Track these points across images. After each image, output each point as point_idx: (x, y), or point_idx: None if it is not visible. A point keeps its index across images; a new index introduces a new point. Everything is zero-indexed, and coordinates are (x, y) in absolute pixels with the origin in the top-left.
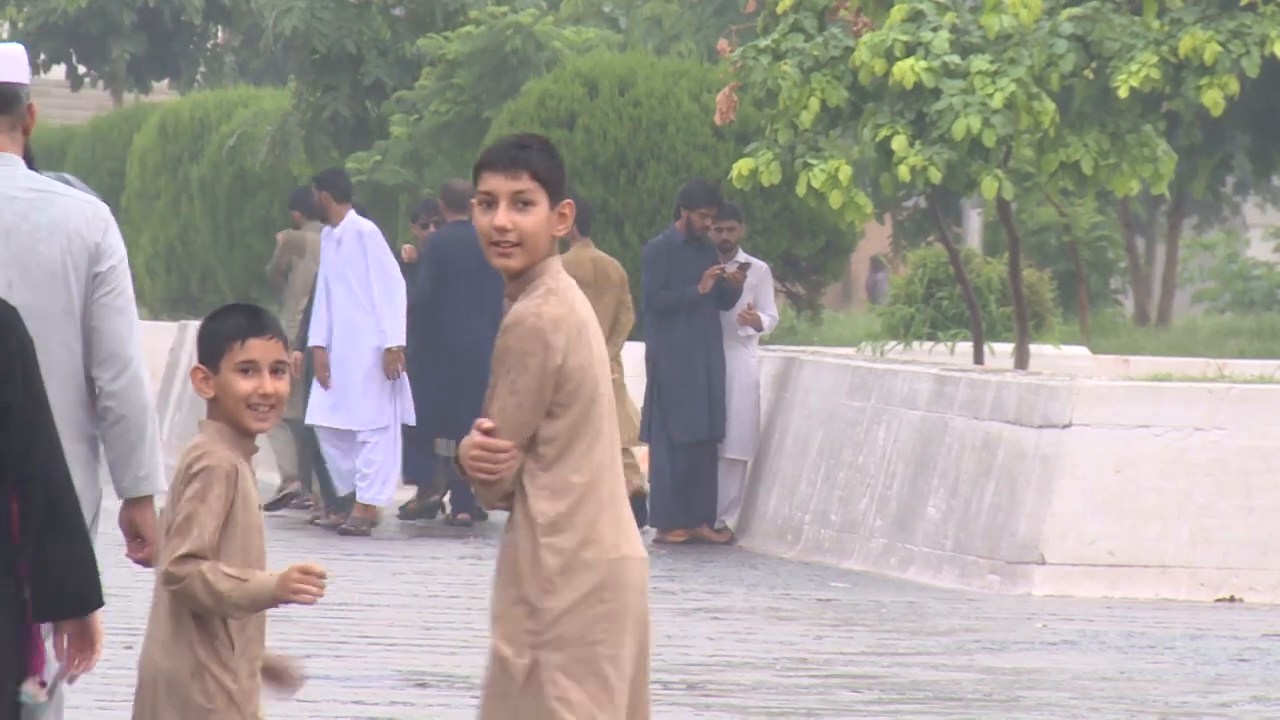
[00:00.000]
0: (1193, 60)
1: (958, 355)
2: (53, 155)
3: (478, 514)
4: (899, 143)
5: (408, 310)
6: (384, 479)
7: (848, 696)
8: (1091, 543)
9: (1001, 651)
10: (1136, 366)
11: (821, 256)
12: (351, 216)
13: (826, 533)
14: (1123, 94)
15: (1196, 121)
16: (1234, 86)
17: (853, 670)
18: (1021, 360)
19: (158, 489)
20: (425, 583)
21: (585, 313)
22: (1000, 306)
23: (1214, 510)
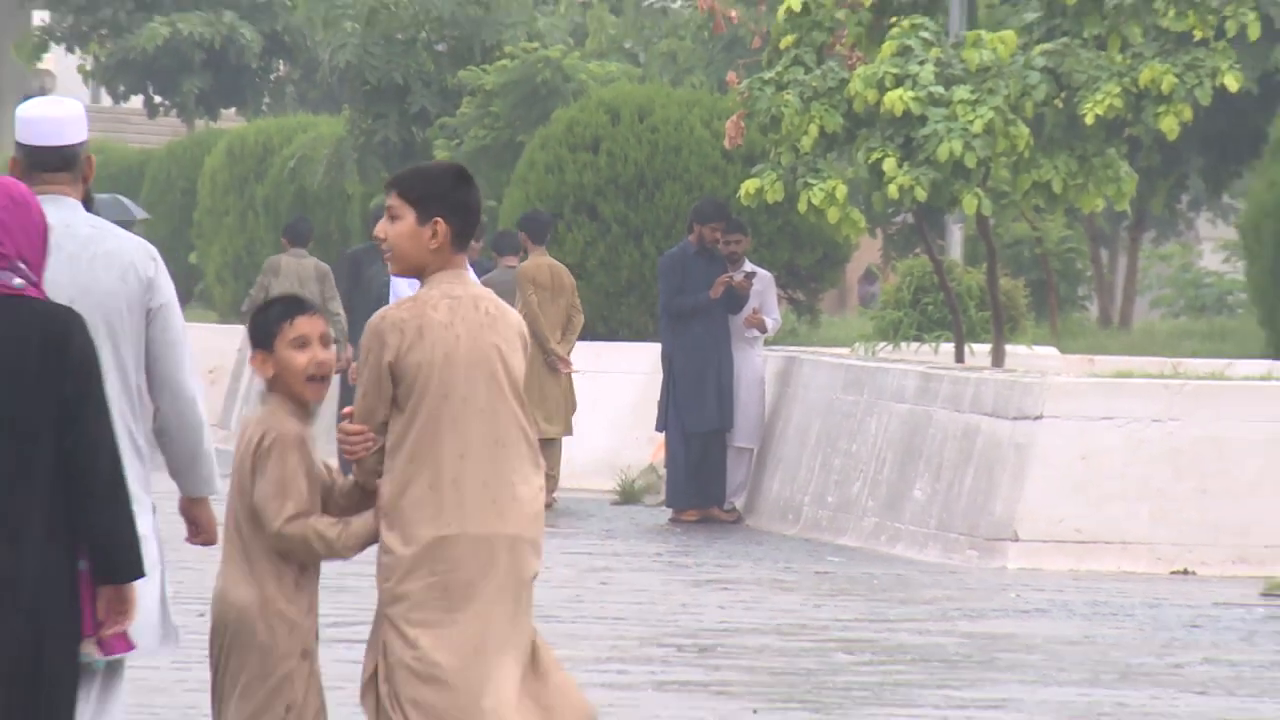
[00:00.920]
0: (1152, 90)
1: (941, 355)
2: (132, 176)
3: None
4: (889, 164)
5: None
6: None
7: (843, 658)
8: (1060, 521)
9: (980, 618)
10: (1101, 365)
11: (820, 266)
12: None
13: (824, 513)
14: (1089, 121)
15: (1155, 145)
16: (1188, 114)
17: (847, 635)
18: (998, 359)
19: (214, 491)
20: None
21: (438, 319)
22: (979, 311)
23: (1170, 493)
